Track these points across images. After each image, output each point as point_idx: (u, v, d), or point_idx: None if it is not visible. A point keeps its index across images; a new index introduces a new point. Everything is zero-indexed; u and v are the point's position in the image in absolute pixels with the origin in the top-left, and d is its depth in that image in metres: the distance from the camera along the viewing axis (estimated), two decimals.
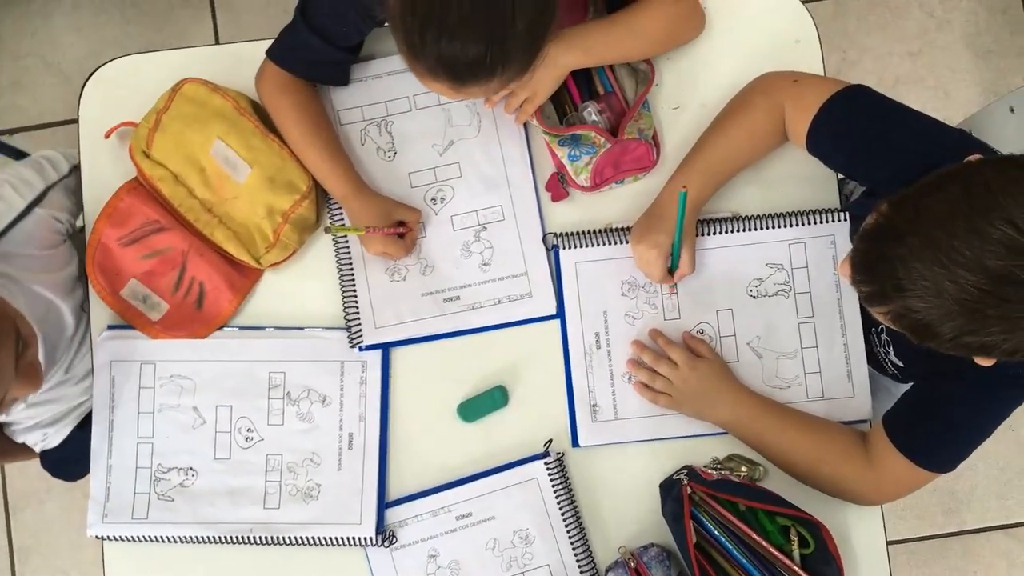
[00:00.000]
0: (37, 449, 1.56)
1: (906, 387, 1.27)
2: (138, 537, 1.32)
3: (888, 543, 1.30)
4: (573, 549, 1.30)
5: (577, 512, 1.31)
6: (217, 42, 2.31)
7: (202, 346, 1.35)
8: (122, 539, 1.33)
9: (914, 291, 0.91)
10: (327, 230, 1.33)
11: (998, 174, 0.90)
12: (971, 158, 0.96)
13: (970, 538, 2.24)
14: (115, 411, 1.35)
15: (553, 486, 1.30)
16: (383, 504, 1.31)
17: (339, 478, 1.31)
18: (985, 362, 0.98)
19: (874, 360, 1.33)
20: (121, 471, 1.34)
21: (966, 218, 0.88)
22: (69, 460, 1.53)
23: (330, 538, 1.30)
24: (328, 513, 1.31)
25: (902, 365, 1.27)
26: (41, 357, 1.25)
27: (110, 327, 1.37)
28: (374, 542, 1.30)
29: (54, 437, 1.54)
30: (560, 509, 1.30)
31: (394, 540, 1.30)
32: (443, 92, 1.14)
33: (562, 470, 1.31)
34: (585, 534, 1.31)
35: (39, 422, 1.49)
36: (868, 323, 1.31)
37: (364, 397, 1.33)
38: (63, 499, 2.23)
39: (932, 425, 1.18)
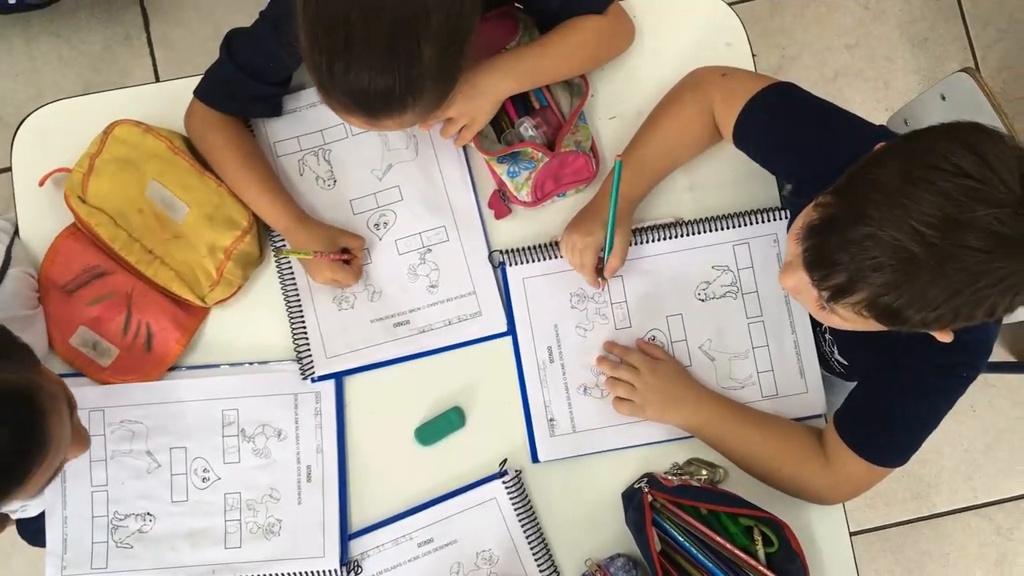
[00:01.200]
0: (15, 517, 1.52)
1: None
2: None
3: (856, 533, 1.32)
4: (538, 566, 1.29)
5: (539, 528, 1.31)
6: (157, 80, 2.29)
7: (151, 389, 1.33)
8: None
9: (883, 270, 0.89)
10: (275, 251, 1.32)
11: (938, 137, 0.91)
12: (880, 145, 0.98)
13: (940, 521, 2.27)
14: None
15: (513, 504, 1.30)
16: (346, 535, 1.30)
17: (299, 512, 1.30)
18: (945, 337, 0.98)
19: (822, 359, 1.34)
20: (77, 521, 1.32)
21: (922, 182, 0.87)
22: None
23: (294, 574, 1.29)
24: (291, 548, 1.29)
25: (847, 364, 1.28)
26: None
27: (59, 376, 1.34)
28: (339, 575, 1.28)
29: (33, 508, 1.50)
30: (522, 526, 1.29)
31: (360, 571, 1.29)
32: (360, 126, 1.14)
33: (520, 488, 1.31)
34: (549, 550, 1.31)
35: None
36: (813, 323, 1.32)
37: (320, 428, 1.32)
38: (29, 553, 2.18)
39: (879, 422, 1.19)
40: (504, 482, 1.30)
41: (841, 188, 0.96)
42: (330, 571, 1.29)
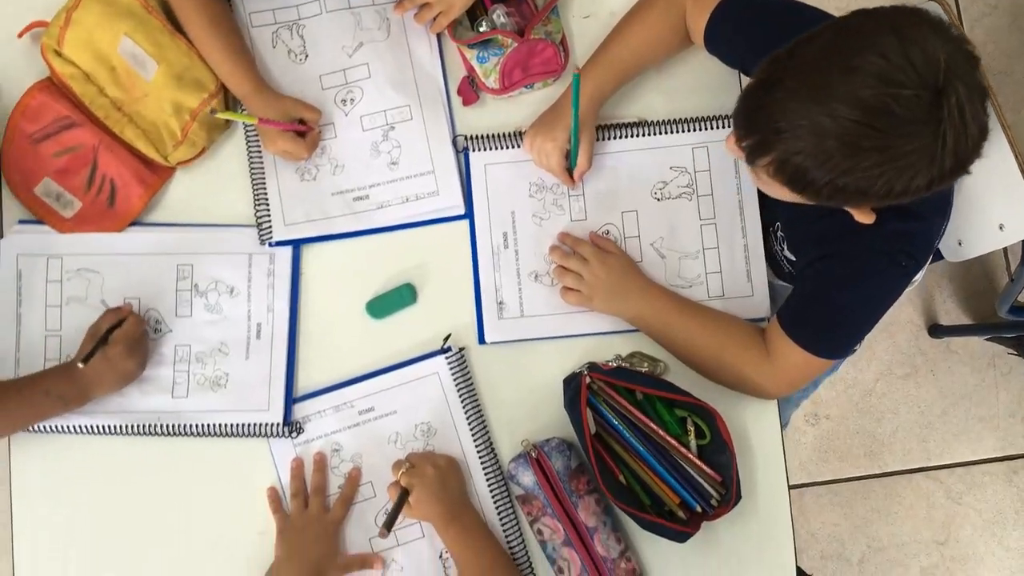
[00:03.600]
0: None
1: None
2: (46, 428, 1.31)
3: (806, 485, 1.34)
4: (475, 442, 1.31)
5: (479, 407, 1.33)
6: None
7: (110, 240, 1.35)
8: (32, 430, 1.32)
9: (792, 132, 0.93)
10: (212, 112, 1.33)
11: (867, 17, 0.94)
12: None
13: (891, 480, 2.29)
14: (22, 305, 1.35)
15: (455, 380, 1.32)
16: (291, 395, 1.32)
17: (247, 367, 1.32)
18: (864, 218, 1.01)
19: (772, 261, 1.36)
20: (29, 366, 1.33)
21: (840, 56, 0.91)
22: None
23: (238, 425, 1.31)
24: (236, 401, 1.32)
25: (794, 259, 1.31)
26: None
27: (20, 222, 1.37)
28: (281, 431, 1.31)
29: None
30: (462, 403, 1.32)
31: (301, 431, 1.31)
32: None
33: (463, 365, 1.33)
34: (487, 428, 1.33)
35: None
36: (766, 223, 1.34)
37: (272, 288, 1.34)
38: None
39: (819, 312, 1.21)
40: (447, 358, 1.32)
41: (772, 57, 0.99)
42: (273, 425, 1.31)
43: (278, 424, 1.31)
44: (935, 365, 2.31)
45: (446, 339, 1.33)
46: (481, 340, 1.34)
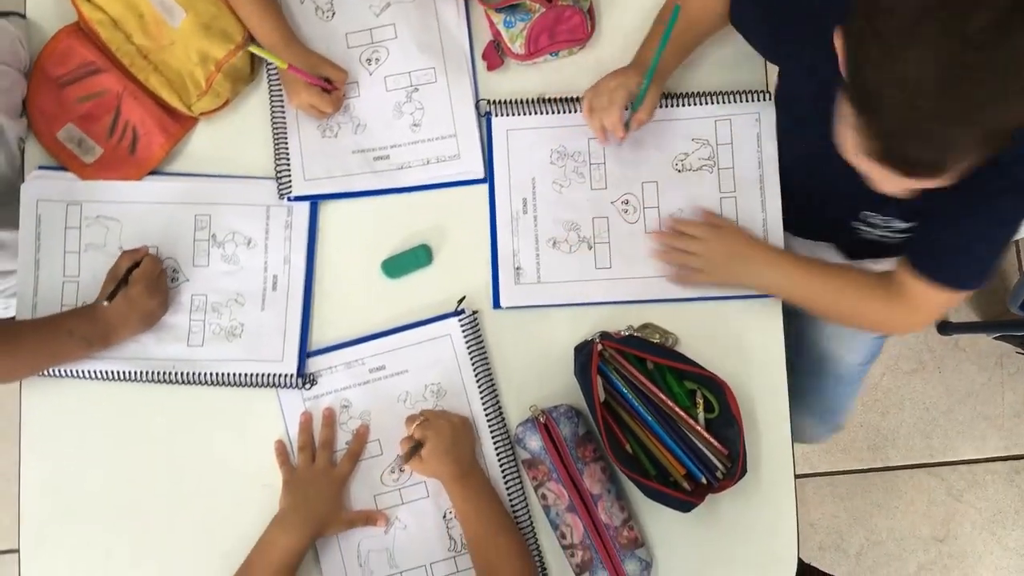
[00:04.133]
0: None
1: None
2: (62, 372, 1.32)
3: (807, 475, 1.34)
4: (483, 405, 1.31)
5: (489, 370, 1.33)
6: None
7: (130, 188, 1.35)
8: (46, 374, 1.33)
9: (960, 148, 0.90)
10: (248, 46, 1.32)
11: None
12: None
13: (893, 474, 2.29)
14: (40, 251, 1.35)
15: (467, 342, 1.32)
16: (305, 346, 1.33)
17: (262, 318, 1.33)
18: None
19: (863, 247, 1.36)
20: (47, 311, 1.33)
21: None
22: None
23: (252, 375, 1.32)
24: (251, 351, 1.32)
25: (912, 225, 1.27)
26: None
27: (40, 168, 1.37)
28: (294, 382, 1.31)
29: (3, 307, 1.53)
30: (472, 365, 1.32)
31: (315, 382, 1.32)
32: None
33: (475, 327, 1.33)
34: (496, 392, 1.33)
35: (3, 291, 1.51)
36: (844, 215, 1.33)
37: (289, 241, 1.34)
38: None
39: (948, 243, 1.18)
40: (460, 320, 1.33)
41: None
42: (287, 376, 1.31)
43: (292, 375, 1.31)
44: (942, 362, 2.31)
45: (460, 301, 1.33)
46: (496, 304, 1.35)
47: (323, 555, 1.29)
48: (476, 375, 1.32)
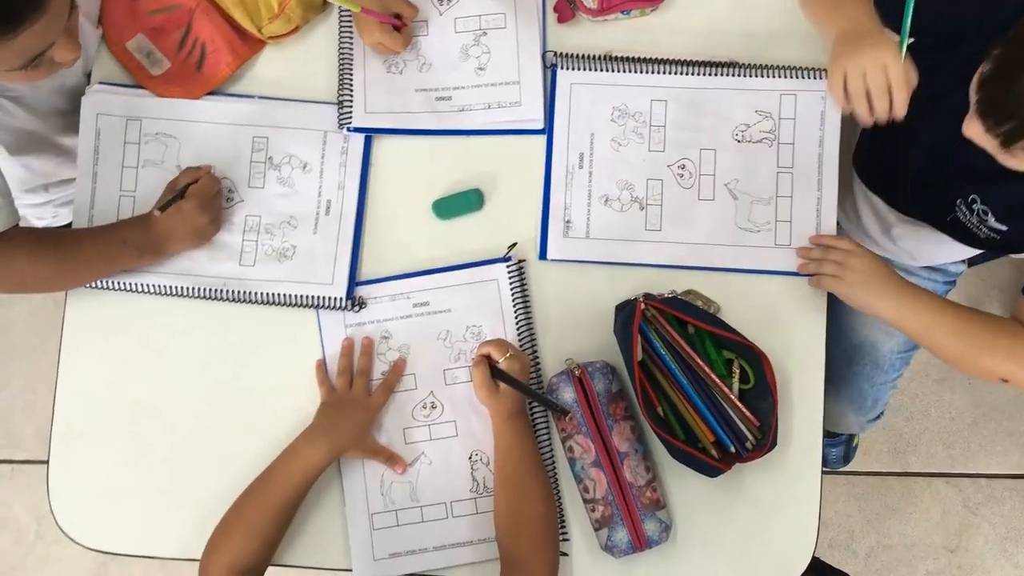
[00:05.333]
0: (41, 225, 1.57)
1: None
2: (115, 284, 1.34)
3: (825, 473, 1.30)
4: None
5: (530, 319, 1.34)
6: None
7: (189, 106, 1.37)
8: (97, 285, 1.35)
9: None
10: None
11: None
12: None
13: (911, 480, 2.28)
14: (99, 164, 1.37)
15: (511, 289, 1.33)
16: (355, 271, 1.34)
17: (314, 241, 1.34)
18: None
19: (962, 233, 1.34)
20: (103, 223, 1.35)
21: None
22: None
23: (302, 296, 1.33)
24: (301, 273, 1.34)
25: (1004, 228, 1.26)
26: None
27: (100, 83, 1.38)
28: (344, 304, 1.32)
29: (64, 215, 1.55)
30: (515, 313, 1.33)
31: (364, 305, 1.33)
32: None
33: (521, 276, 1.34)
34: (535, 342, 1.34)
35: (52, 200, 1.52)
36: (954, 198, 1.30)
37: (344, 167, 1.35)
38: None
39: None
40: (508, 266, 1.33)
41: (1010, 39, 0.97)
42: (336, 299, 1.33)
43: (341, 298, 1.32)
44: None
45: (511, 247, 1.34)
46: (542, 256, 1.35)
47: (346, 478, 1.30)
48: (517, 322, 1.33)
